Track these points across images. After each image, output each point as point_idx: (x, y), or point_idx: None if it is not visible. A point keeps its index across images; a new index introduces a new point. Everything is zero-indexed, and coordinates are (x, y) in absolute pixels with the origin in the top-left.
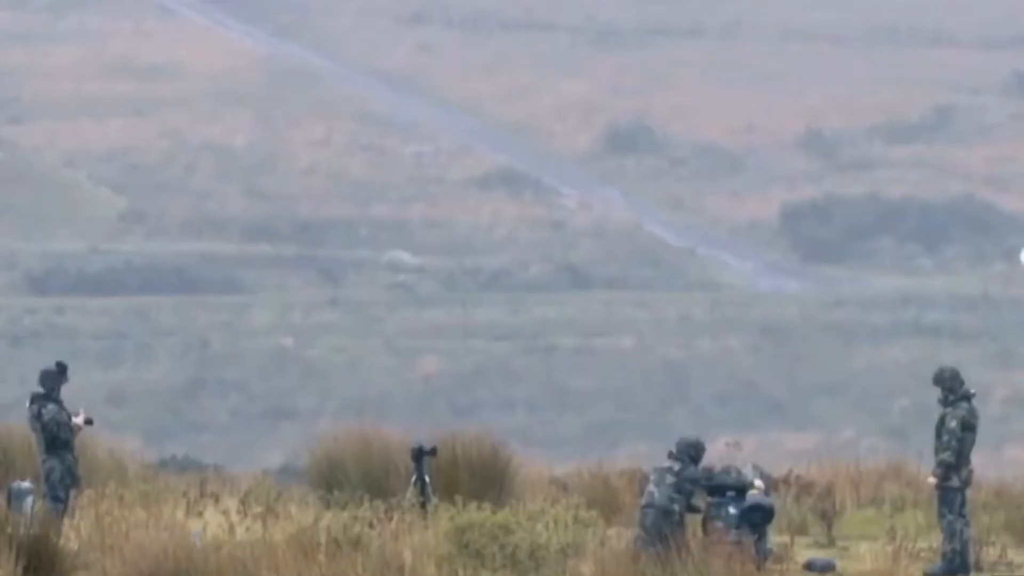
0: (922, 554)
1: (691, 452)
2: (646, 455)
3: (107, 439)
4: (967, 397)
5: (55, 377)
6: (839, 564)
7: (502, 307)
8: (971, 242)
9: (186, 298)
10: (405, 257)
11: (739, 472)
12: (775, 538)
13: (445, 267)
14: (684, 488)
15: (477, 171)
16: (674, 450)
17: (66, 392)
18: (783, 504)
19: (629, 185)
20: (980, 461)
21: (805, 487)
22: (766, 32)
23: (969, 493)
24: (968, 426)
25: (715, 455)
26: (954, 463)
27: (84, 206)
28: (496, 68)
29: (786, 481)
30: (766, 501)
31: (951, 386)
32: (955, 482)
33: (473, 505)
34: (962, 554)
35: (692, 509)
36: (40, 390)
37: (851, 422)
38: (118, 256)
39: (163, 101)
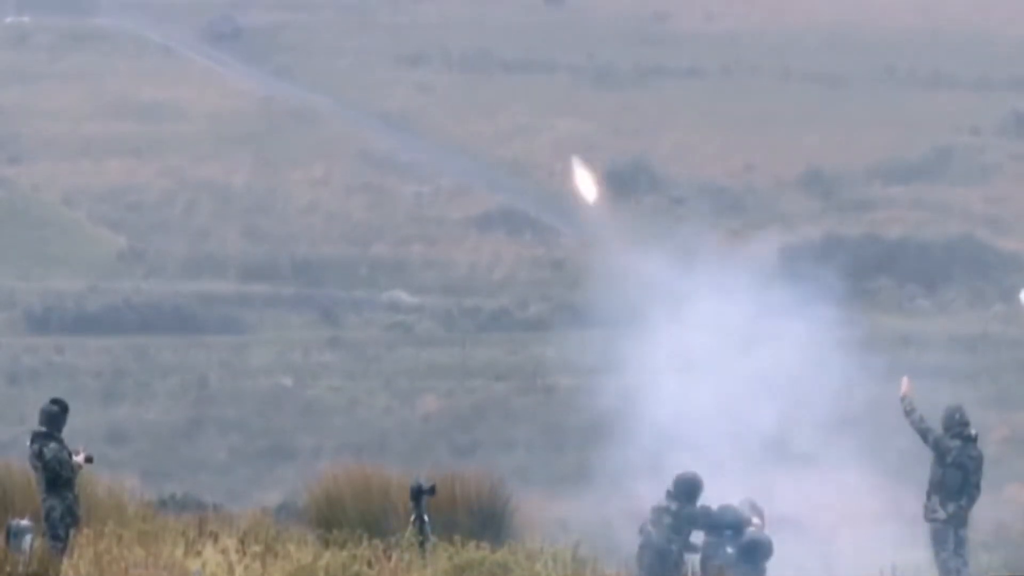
0: None
1: (688, 490)
2: (645, 495)
3: (106, 477)
4: (960, 436)
5: (57, 415)
6: None
7: (501, 347)
8: (970, 282)
9: (185, 337)
10: (404, 297)
11: (736, 510)
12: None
13: (444, 307)
14: (682, 528)
15: (476, 211)
16: (671, 488)
17: (65, 431)
18: (782, 543)
19: (628, 225)
20: (979, 502)
21: (804, 526)
22: (765, 72)
23: (966, 533)
24: (954, 463)
25: (714, 496)
26: (920, 430)
27: (83, 245)
28: (495, 108)
29: (786, 520)
30: (764, 537)
31: (946, 424)
32: (940, 514)
33: (472, 544)
34: None
35: (690, 548)
36: (41, 428)
37: (852, 463)
38: (117, 295)
39: (162, 141)
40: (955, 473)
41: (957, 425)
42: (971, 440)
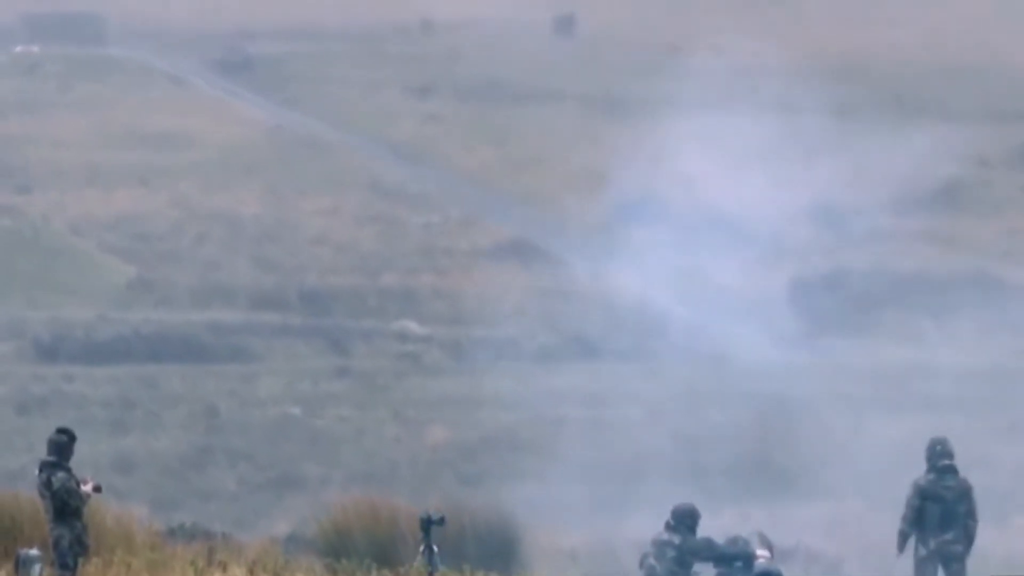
0: None
1: (688, 521)
2: (654, 526)
3: (114, 507)
4: (936, 468)
5: (65, 445)
6: None
7: (510, 377)
8: (980, 315)
9: (194, 366)
10: (413, 327)
11: (746, 542)
12: None
13: (453, 337)
14: (686, 560)
15: (486, 242)
16: (671, 520)
17: (74, 460)
18: (792, 575)
19: (638, 256)
20: (988, 534)
21: (813, 558)
22: (775, 104)
23: (962, 568)
24: (928, 495)
25: (723, 527)
26: (908, 531)
27: (92, 274)
28: (505, 139)
29: (795, 552)
30: (774, 569)
31: (927, 456)
32: (921, 551)
33: (481, 574)
34: None
35: None
36: (50, 458)
37: (859, 494)
38: (126, 324)
39: (172, 170)
40: (933, 507)
41: (936, 457)
42: (948, 472)
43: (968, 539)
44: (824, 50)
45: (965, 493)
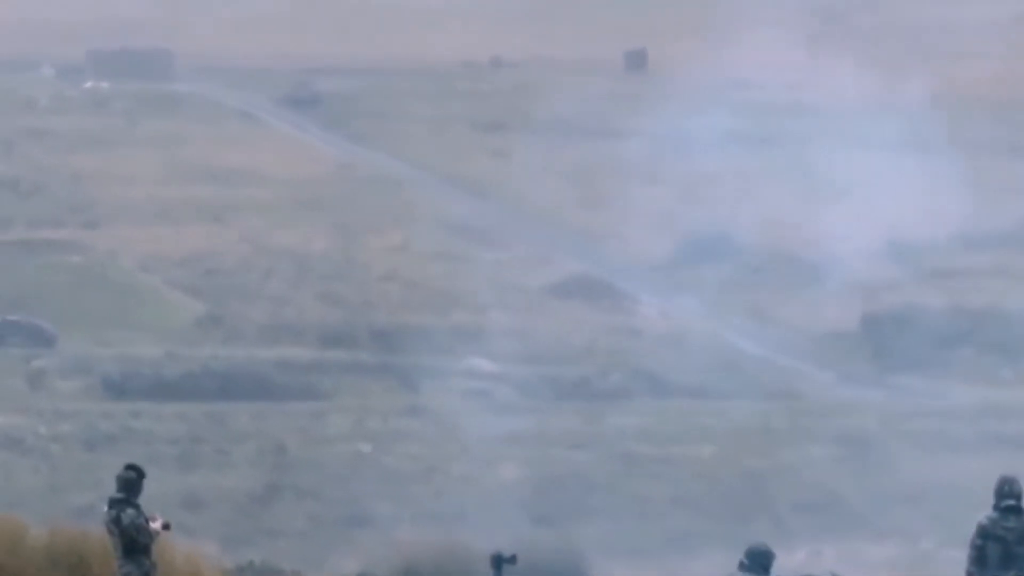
0: None
1: (763, 561)
2: (725, 565)
3: (183, 544)
4: (1000, 508)
5: (134, 482)
6: None
7: (580, 415)
8: None
9: (263, 404)
10: (483, 364)
11: None
12: None
13: (523, 374)
14: None
15: (555, 278)
16: (744, 560)
17: (142, 497)
18: None
19: (708, 293)
20: None
21: None
22: (845, 139)
23: None
24: (989, 535)
25: (796, 566)
26: (973, 572)
27: (160, 311)
28: (575, 175)
29: None
30: None
31: (994, 495)
32: None
33: None
34: None
35: None
36: (118, 495)
37: (931, 533)
38: (195, 361)
39: (240, 206)
40: (994, 547)
41: (1001, 496)
42: (1011, 512)
43: None
44: (895, 85)
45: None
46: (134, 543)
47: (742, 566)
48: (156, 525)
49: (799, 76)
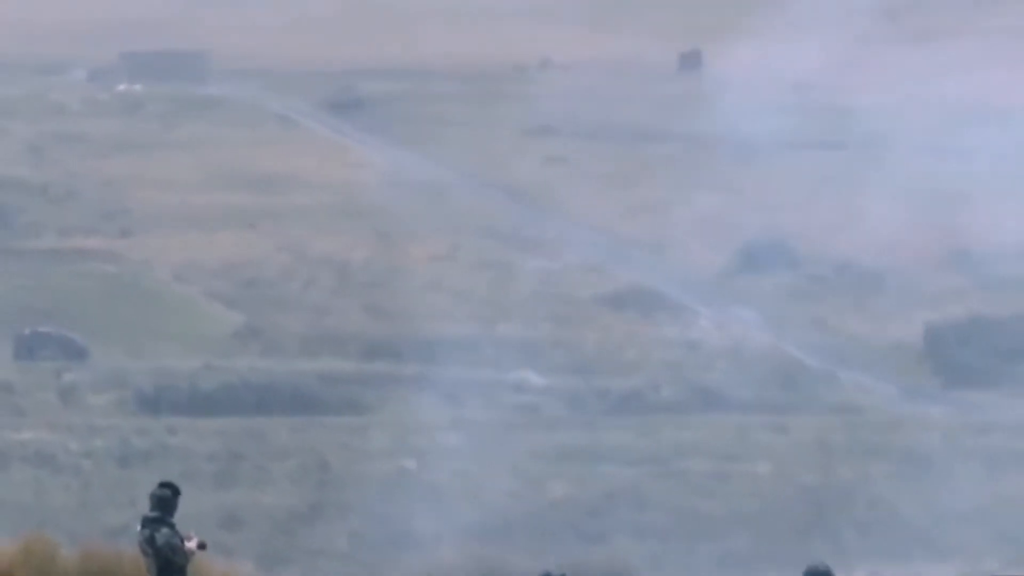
0: None
1: None
2: None
3: (220, 564)
4: None
5: (169, 500)
6: None
7: (632, 430)
8: None
9: (303, 418)
10: (531, 377)
11: None
12: None
13: (573, 388)
14: None
15: (607, 289)
16: None
17: (177, 515)
18: None
19: (766, 304)
20: None
21: None
22: (909, 145)
23: None
24: None
25: None
26: None
27: (197, 322)
28: (627, 181)
29: None
30: None
31: None
32: None
33: None
34: None
35: None
36: (153, 513)
37: (995, 553)
38: (232, 374)
39: (280, 214)
40: None
41: None
42: None
43: None
44: (960, 91)
45: None
46: (169, 564)
47: None
48: (192, 545)
49: (859, 77)
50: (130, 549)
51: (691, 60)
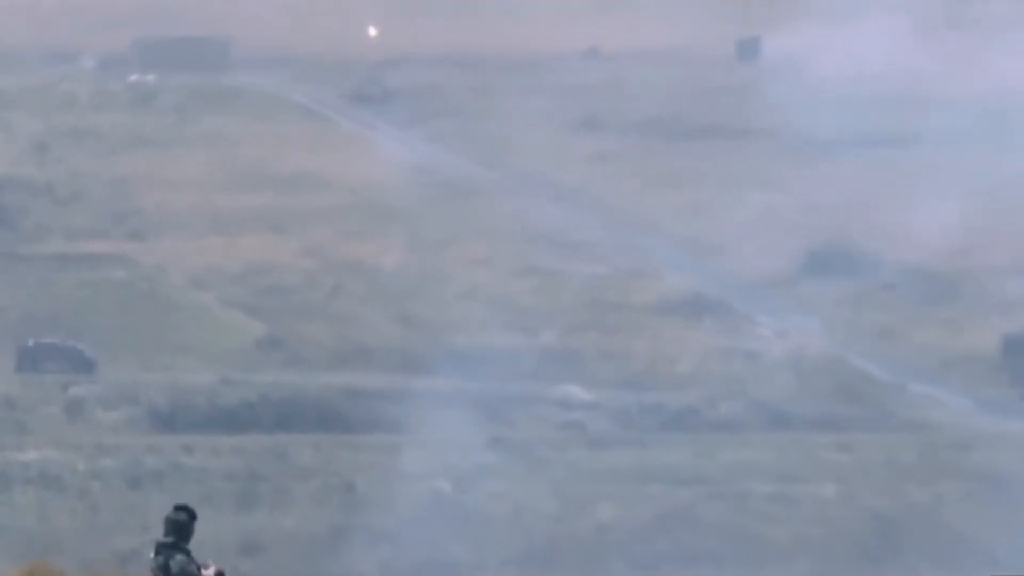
0: None
1: None
2: None
3: None
4: None
5: (185, 524)
6: None
7: (686, 448)
8: None
9: (329, 436)
10: (577, 392)
11: None
12: None
13: (622, 403)
14: None
15: (658, 295)
16: None
17: (194, 541)
18: None
19: (829, 312)
20: None
21: None
22: (985, 143)
23: None
24: None
25: None
26: None
27: (214, 332)
28: (679, 180)
29: None
30: None
31: None
32: None
33: None
34: None
35: None
36: (167, 538)
37: None
38: (253, 389)
39: (304, 215)
40: None
41: None
42: None
43: None
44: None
45: None
46: None
47: None
48: (209, 573)
49: (927, 67)
50: (143, 574)
51: (749, 48)
